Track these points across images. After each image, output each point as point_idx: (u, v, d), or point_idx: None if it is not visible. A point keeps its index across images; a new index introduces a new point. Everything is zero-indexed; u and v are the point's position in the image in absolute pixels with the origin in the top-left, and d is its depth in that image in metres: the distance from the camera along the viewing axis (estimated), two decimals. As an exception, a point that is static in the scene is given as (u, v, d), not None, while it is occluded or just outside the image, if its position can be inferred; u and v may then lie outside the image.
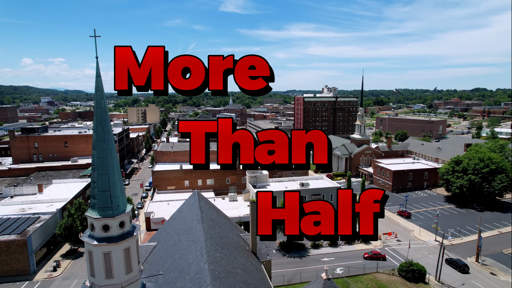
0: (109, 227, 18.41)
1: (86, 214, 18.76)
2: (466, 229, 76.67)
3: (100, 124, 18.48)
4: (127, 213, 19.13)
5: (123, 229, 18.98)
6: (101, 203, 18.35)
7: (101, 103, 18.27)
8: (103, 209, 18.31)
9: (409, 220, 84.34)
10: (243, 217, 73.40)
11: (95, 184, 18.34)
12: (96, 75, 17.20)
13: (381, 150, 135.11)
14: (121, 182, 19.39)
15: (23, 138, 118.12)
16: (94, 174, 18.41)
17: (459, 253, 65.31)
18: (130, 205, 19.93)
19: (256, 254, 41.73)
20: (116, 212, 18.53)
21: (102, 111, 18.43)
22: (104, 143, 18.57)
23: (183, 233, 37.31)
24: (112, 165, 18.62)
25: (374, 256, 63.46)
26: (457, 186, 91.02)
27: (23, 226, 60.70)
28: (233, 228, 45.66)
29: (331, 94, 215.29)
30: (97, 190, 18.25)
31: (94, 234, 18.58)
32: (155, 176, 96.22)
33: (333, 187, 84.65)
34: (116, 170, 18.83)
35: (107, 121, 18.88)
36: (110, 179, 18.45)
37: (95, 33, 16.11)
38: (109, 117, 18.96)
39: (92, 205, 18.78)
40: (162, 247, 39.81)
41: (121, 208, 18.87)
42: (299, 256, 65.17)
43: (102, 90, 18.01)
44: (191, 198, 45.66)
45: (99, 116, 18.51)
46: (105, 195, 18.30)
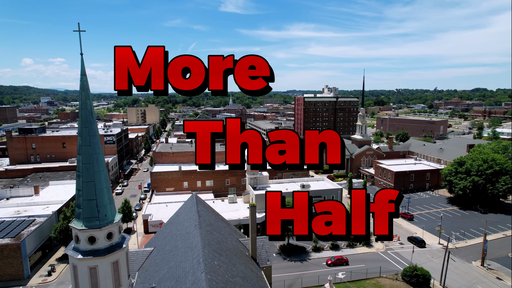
0: (95, 239, 16.97)
1: (70, 225, 17.34)
2: (470, 232, 75.20)
3: (86, 126, 16.99)
4: (115, 223, 17.68)
5: (111, 240, 17.54)
6: (86, 213, 16.88)
7: (87, 104, 16.81)
8: (89, 219, 16.84)
9: (411, 222, 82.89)
10: (242, 220, 72.03)
11: (80, 192, 16.87)
12: (81, 73, 15.78)
13: (383, 151, 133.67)
14: (109, 189, 17.93)
15: (21, 138, 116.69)
16: (79, 182, 16.96)
17: (463, 256, 63.84)
18: (120, 214, 18.48)
19: (256, 260, 40.32)
20: (103, 222, 17.08)
21: (88, 113, 16.95)
22: (90, 147, 17.07)
23: (180, 239, 35.89)
24: (99, 171, 17.16)
25: (337, 261, 61.64)
26: (460, 187, 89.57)
27: (17, 229, 59.25)
28: (232, 232, 44.23)
29: (331, 94, 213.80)
30: (82, 198, 16.80)
31: (79, 247, 17.13)
32: (153, 177, 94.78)
33: (335, 189, 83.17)
34: (103, 177, 17.38)
35: (93, 124, 17.39)
36: (96, 187, 17.00)
37: (79, 28, 14.70)
38: (96, 119, 17.50)
39: (77, 215, 17.33)
40: (158, 252, 38.42)
41: (109, 218, 17.43)
42: (300, 260, 63.71)
43: (87, 90, 16.57)
44: (189, 201, 44.26)
45: (84, 118, 17.02)
46: (91, 204, 16.84)
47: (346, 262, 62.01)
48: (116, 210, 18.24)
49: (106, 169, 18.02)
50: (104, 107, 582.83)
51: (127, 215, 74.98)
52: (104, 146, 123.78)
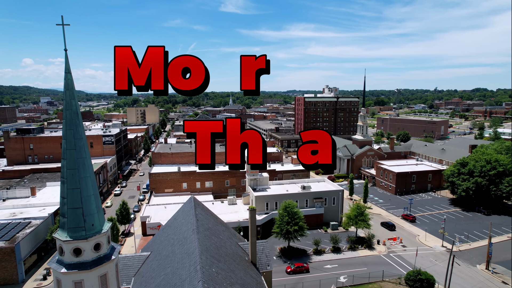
0: (81, 250, 15.67)
1: (54, 236, 16.08)
2: (473, 234, 73.91)
3: (70, 129, 15.69)
4: (103, 233, 16.38)
5: (98, 252, 16.25)
6: (71, 222, 15.57)
7: (72, 104, 15.52)
8: (74, 229, 15.55)
9: (414, 224, 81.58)
10: (242, 222, 70.77)
11: (65, 200, 15.56)
12: (65, 71, 14.53)
13: (384, 152, 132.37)
14: (97, 197, 16.62)
15: (18, 139, 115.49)
16: (64, 188, 15.67)
17: (467, 260, 62.57)
18: (109, 222, 17.16)
19: (256, 265, 39.11)
20: (90, 232, 15.79)
21: (73, 114, 15.67)
22: (75, 151, 15.76)
23: (177, 244, 34.68)
24: (85, 177, 15.86)
25: (297, 269, 58.59)
26: (463, 188, 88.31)
27: (12, 232, 58.03)
28: (232, 236, 43.01)
29: (332, 94, 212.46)
30: (67, 207, 15.50)
31: (63, 259, 15.85)
32: (152, 178, 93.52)
33: (336, 190, 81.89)
34: (90, 183, 16.09)
35: (79, 126, 16.08)
36: (82, 194, 15.70)
37: (62, 21, 13.48)
38: (81, 121, 16.16)
39: (61, 225, 16.04)
40: (155, 257, 37.23)
41: (97, 227, 16.14)
42: (300, 262, 62.31)
43: (72, 89, 15.29)
44: (187, 204, 43.05)
45: (69, 119, 15.73)
46: (76, 213, 15.54)
47: (306, 269, 58.66)
48: (105, 218, 16.94)
49: (94, 174, 16.75)
50: (104, 107, 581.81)
51: (125, 217, 73.78)
52: (102, 147, 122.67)
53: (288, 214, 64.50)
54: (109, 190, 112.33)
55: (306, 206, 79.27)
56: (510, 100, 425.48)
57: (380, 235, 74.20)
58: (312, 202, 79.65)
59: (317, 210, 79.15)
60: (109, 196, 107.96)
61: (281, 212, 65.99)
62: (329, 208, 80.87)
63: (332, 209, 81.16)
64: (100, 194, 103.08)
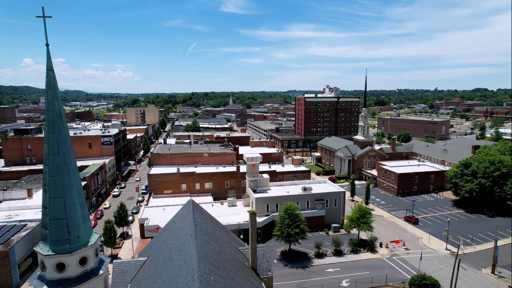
0: (65, 265, 14.30)
1: (35, 249, 14.76)
2: (478, 237, 72.59)
3: (53, 132, 14.31)
4: (90, 245, 15.01)
5: (84, 266, 14.91)
6: (54, 234, 14.21)
7: (54, 105, 14.16)
8: (57, 242, 14.19)
9: (416, 226, 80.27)
10: (242, 224, 69.46)
11: (47, 210, 14.19)
12: (47, 68, 13.21)
13: (385, 152, 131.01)
14: (83, 206, 15.23)
15: (16, 139, 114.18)
16: (46, 197, 14.29)
17: (472, 263, 61.24)
18: (97, 234, 15.76)
19: (256, 271, 37.81)
20: (75, 246, 14.43)
21: (56, 115, 14.31)
22: (58, 157, 14.39)
23: (175, 250, 33.36)
24: (70, 185, 14.50)
25: None
26: (467, 190, 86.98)
27: (7, 235, 56.71)
28: (231, 240, 41.68)
29: (332, 94, 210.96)
30: (49, 217, 14.12)
31: (45, 275, 14.47)
32: (151, 179, 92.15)
33: (338, 192, 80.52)
34: (75, 192, 14.72)
35: (63, 128, 14.69)
36: (67, 204, 14.38)
37: (43, 13, 12.20)
38: (66, 123, 14.75)
39: (43, 238, 14.67)
40: (152, 263, 35.92)
41: (83, 240, 14.79)
42: (302, 266, 61.08)
43: (55, 87, 13.93)
44: (185, 208, 41.72)
45: (52, 121, 14.40)
46: (59, 224, 14.18)
47: None
48: (93, 229, 15.60)
49: (80, 181, 15.42)
50: (104, 107, 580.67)
51: (123, 219, 72.49)
52: (101, 147, 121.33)
53: (289, 216, 63.20)
54: (107, 191, 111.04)
55: (307, 208, 77.96)
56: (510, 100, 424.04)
57: (383, 237, 72.91)
58: (313, 203, 78.32)
59: (319, 212, 77.83)
60: (107, 197, 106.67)
61: (282, 214, 64.68)
62: (330, 210, 79.55)
63: (333, 211, 79.83)
64: (98, 195, 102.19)
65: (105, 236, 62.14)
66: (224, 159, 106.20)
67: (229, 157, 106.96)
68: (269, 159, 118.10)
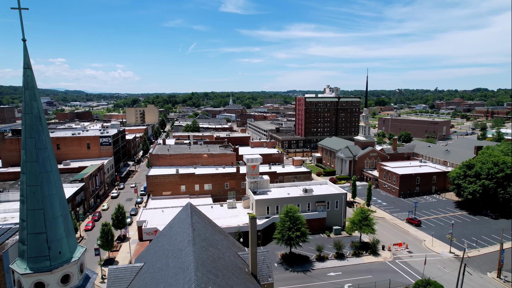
0: (44, 285, 12.96)
1: (11, 266, 13.44)
2: (482, 239, 71.33)
3: (31, 137, 12.88)
4: (74, 262, 13.64)
5: (67, 285, 13.53)
6: (32, 250, 12.82)
7: (32, 107, 12.80)
8: (36, 259, 12.82)
9: (419, 228, 78.99)
10: (242, 227, 68.20)
11: (24, 224, 12.83)
12: (24, 65, 11.87)
13: (386, 153, 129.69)
14: (66, 218, 13.81)
15: (13, 140, 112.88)
16: (23, 209, 12.85)
17: (477, 267, 59.93)
18: (83, 247, 14.33)
19: (256, 277, 36.56)
20: (55, 262, 13.06)
21: (34, 119, 12.91)
22: (37, 164, 13.04)
23: (172, 256, 32.11)
24: (50, 195, 13.12)
25: None
26: (470, 191, 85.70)
27: (1, 238, 55.39)
28: (231, 245, 40.43)
29: (333, 94, 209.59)
30: (27, 232, 12.72)
31: (22, 296, 13.13)
32: (149, 181, 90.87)
33: (339, 193, 79.25)
34: (57, 202, 13.32)
35: (43, 133, 13.27)
36: (47, 216, 13.06)
37: (19, 4, 10.91)
38: (46, 126, 13.29)
39: (20, 254, 13.31)
40: (148, 270, 34.68)
41: (65, 255, 13.43)
42: (303, 270, 59.81)
43: (33, 88, 12.63)
44: (183, 212, 40.45)
45: (29, 125, 13.00)
46: (38, 239, 12.81)
47: None
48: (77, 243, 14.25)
49: (63, 191, 14.05)
50: (104, 107, 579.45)
51: (120, 221, 71.25)
52: (99, 148, 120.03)
53: (290, 219, 61.94)
54: (106, 192, 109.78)
55: (308, 210, 76.70)
56: (511, 100, 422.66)
57: (385, 240, 71.65)
58: (314, 205, 77.06)
59: (320, 214, 76.59)
60: (106, 199, 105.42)
61: (282, 217, 63.43)
62: (331, 211, 78.30)
63: (335, 213, 78.59)
64: (97, 197, 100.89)
65: (102, 239, 60.89)
66: (224, 160, 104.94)
67: (228, 158, 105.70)
68: (269, 160, 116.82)
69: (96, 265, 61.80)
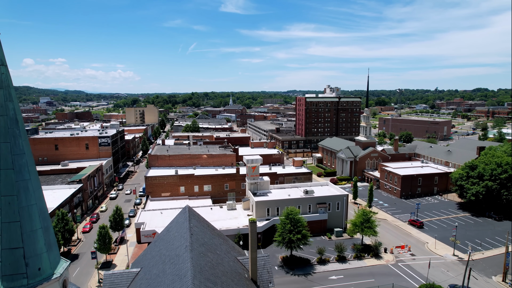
0: (20, 306, 11.77)
1: (-17, 286, 12.26)
2: (486, 242, 70.16)
3: (6, 141, 11.68)
4: (55, 278, 12.42)
5: (48, 304, 12.45)
6: (7, 268, 11.66)
7: (8, 108, 11.62)
8: (11, 277, 11.57)
9: (421, 230, 77.83)
10: (242, 229, 67.12)
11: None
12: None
13: (388, 153, 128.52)
14: (47, 230, 12.58)
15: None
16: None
17: (481, 270, 58.78)
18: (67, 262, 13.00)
19: (256, 283, 35.43)
20: (34, 280, 11.86)
21: (10, 121, 11.72)
22: (13, 172, 11.90)
23: (169, 262, 30.98)
24: (28, 206, 11.92)
25: None
26: (473, 192, 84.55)
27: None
28: (230, 249, 39.29)
29: (333, 94, 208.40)
30: (2, 247, 11.49)
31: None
32: (148, 182, 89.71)
33: (341, 195, 78.06)
34: (37, 214, 12.10)
35: (19, 137, 12.08)
36: (24, 229, 11.87)
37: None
38: (24, 130, 12.14)
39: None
40: (144, 275, 33.53)
41: (45, 272, 12.23)
42: (304, 273, 58.68)
43: (8, 87, 11.44)
44: (181, 215, 39.30)
45: (4, 128, 11.86)
46: (14, 254, 11.64)
47: None
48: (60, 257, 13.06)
49: (44, 201, 12.90)
50: (103, 107, 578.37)
51: (118, 223, 70.16)
52: (98, 148, 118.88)
53: (291, 221, 60.80)
54: (104, 193, 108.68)
55: (309, 211, 75.58)
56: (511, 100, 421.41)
57: (387, 242, 70.52)
58: (315, 207, 75.94)
59: (321, 216, 75.45)
60: (104, 200, 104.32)
61: (283, 219, 62.29)
62: (333, 213, 77.15)
63: (336, 214, 77.44)
64: (95, 198, 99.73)
65: (99, 242, 59.75)
66: (224, 160, 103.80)
67: (228, 159, 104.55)
68: (270, 161, 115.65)
69: (93, 269, 60.70)
